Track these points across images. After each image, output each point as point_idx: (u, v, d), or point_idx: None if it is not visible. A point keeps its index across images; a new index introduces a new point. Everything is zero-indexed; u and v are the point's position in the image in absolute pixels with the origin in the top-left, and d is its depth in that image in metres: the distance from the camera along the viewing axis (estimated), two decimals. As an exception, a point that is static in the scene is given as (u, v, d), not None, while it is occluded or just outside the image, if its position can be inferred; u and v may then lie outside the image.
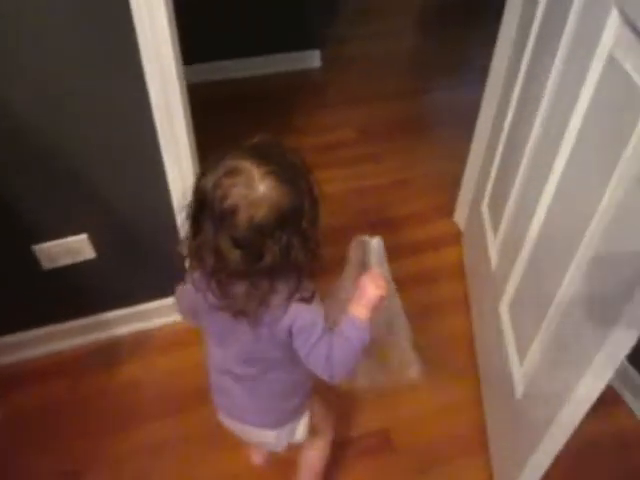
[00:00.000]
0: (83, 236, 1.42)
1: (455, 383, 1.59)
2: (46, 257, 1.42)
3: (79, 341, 1.64)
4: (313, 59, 3.02)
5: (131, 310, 1.64)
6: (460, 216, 2.05)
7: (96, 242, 1.45)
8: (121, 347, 1.66)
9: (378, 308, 0.88)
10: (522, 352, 1.23)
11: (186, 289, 0.92)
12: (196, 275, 0.84)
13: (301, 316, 0.83)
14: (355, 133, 2.57)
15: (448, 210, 2.12)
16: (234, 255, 0.74)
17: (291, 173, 0.75)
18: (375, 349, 0.99)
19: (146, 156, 1.33)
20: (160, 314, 1.69)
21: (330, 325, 0.86)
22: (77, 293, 1.54)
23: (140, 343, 1.67)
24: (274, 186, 0.72)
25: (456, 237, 2.04)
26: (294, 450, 1.18)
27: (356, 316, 0.86)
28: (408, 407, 1.53)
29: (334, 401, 1.21)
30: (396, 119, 2.70)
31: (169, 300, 1.67)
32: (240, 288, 0.79)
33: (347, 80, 2.97)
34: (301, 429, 1.07)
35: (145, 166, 1.36)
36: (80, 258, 1.45)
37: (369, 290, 0.86)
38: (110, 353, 1.64)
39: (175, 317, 1.71)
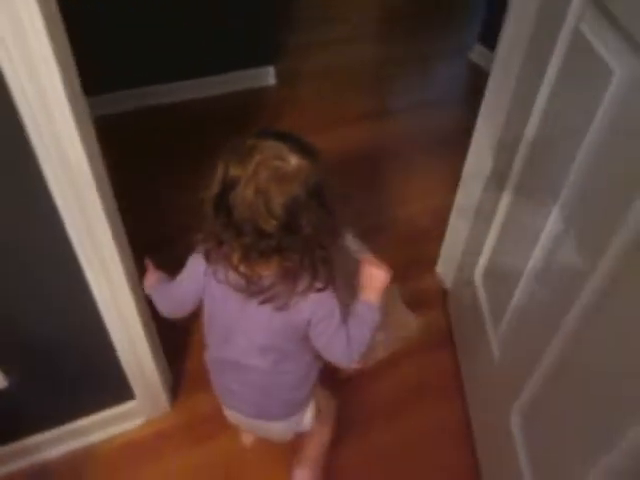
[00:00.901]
0: (-12, 365, 1.12)
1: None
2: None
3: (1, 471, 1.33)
4: (267, 76, 2.71)
5: (61, 430, 1.34)
6: (445, 271, 1.81)
7: (7, 369, 1.14)
8: (54, 473, 1.36)
9: (384, 290, 0.94)
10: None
11: (184, 281, 0.96)
12: (217, 267, 0.86)
13: (321, 306, 0.88)
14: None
15: (429, 262, 1.88)
16: (270, 226, 0.75)
17: (310, 149, 0.79)
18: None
19: (58, 261, 1.03)
20: (97, 428, 1.39)
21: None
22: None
23: (77, 466, 1.38)
24: (302, 159, 0.76)
25: (440, 296, 1.80)
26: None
27: (369, 300, 0.93)
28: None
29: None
30: (364, 148, 2.42)
31: (107, 412, 1.38)
32: (269, 270, 0.83)
33: (306, 99, 2.69)
34: (308, 417, 1.11)
35: (58, 273, 1.06)
36: (-13, 390, 1.15)
37: (378, 274, 0.93)
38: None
39: (116, 429, 1.42)
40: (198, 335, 1.49)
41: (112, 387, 1.35)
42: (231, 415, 1.10)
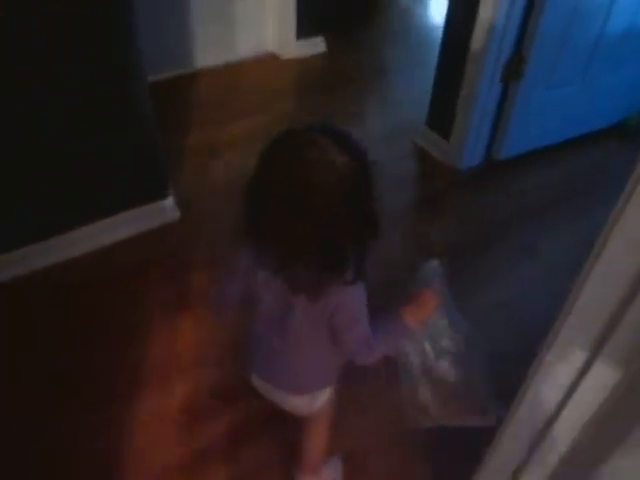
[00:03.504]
0: None
1: None
2: None
3: None
4: (166, 211, 2.12)
5: None
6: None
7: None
8: None
9: (424, 324, 1.00)
10: None
11: (234, 275, 1.02)
12: (258, 251, 0.89)
13: (347, 298, 0.90)
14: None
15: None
16: (309, 220, 0.78)
17: (360, 152, 0.81)
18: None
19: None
20: None
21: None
22: None
23: None
24: (348, 157, 0.77)
25: None
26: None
27: (408, 322, 0.96)
28: None
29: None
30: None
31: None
32: (303, 262, 0.83)
33: (220, 230, 2.09)
34: (322, 399, 1.14)
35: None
36: None
37: (430, 308, 0.96)
38: None
39: None
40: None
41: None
42: (260, 384, 1.14)
